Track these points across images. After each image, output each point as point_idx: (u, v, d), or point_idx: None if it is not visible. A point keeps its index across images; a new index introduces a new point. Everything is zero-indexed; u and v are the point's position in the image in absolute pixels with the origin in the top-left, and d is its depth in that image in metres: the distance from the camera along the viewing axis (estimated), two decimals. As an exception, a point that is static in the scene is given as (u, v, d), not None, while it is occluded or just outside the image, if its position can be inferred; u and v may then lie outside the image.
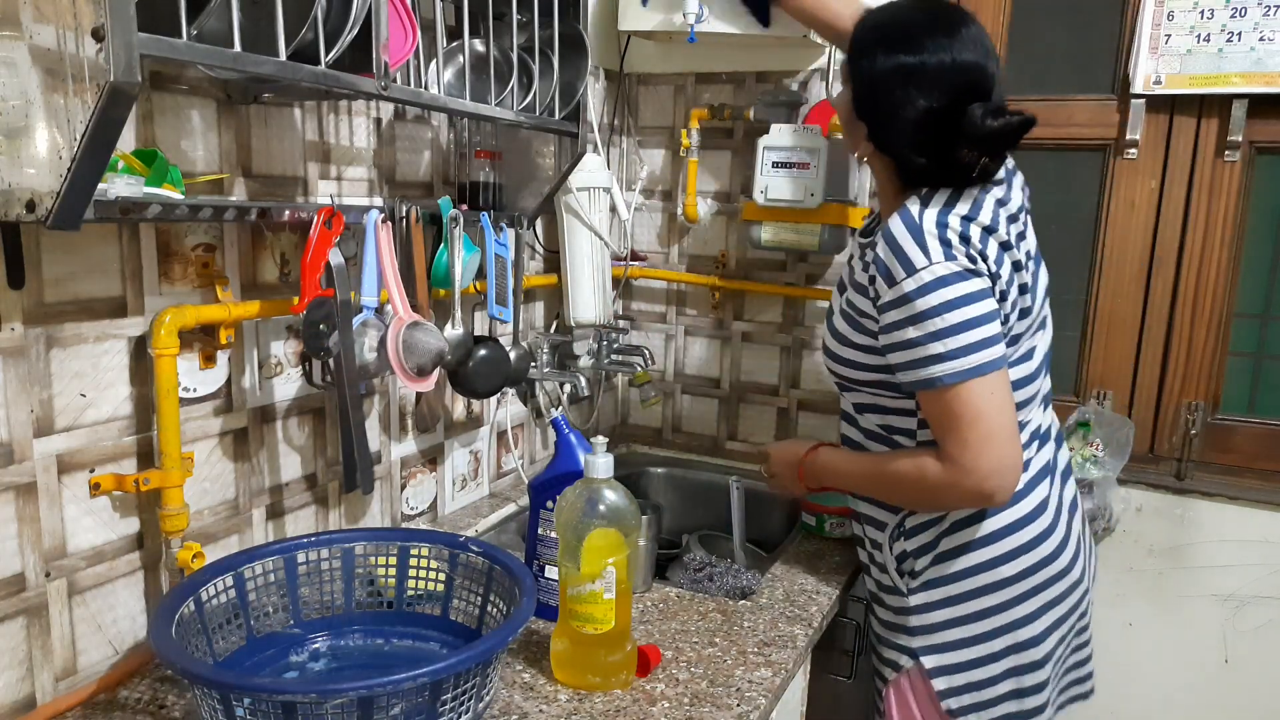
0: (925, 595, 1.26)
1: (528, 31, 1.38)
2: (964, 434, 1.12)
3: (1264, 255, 1.71)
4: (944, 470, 1.15)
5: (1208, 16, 1.62)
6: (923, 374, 1.13)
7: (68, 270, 1.00)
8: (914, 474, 1.19)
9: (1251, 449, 1.75)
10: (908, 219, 1.15)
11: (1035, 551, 1.23)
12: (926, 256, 1.12)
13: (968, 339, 1.11)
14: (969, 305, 1.11)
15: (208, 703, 0.87)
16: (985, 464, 1.12)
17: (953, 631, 1.25)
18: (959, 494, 1.15)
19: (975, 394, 1.11)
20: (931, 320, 1.11)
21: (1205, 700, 1.78)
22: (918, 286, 1.12)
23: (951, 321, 1.11)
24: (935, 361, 1.12)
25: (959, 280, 1.11)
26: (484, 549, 1.15)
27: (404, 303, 1.24)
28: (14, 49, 0.80)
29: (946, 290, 1.11)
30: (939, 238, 1.13)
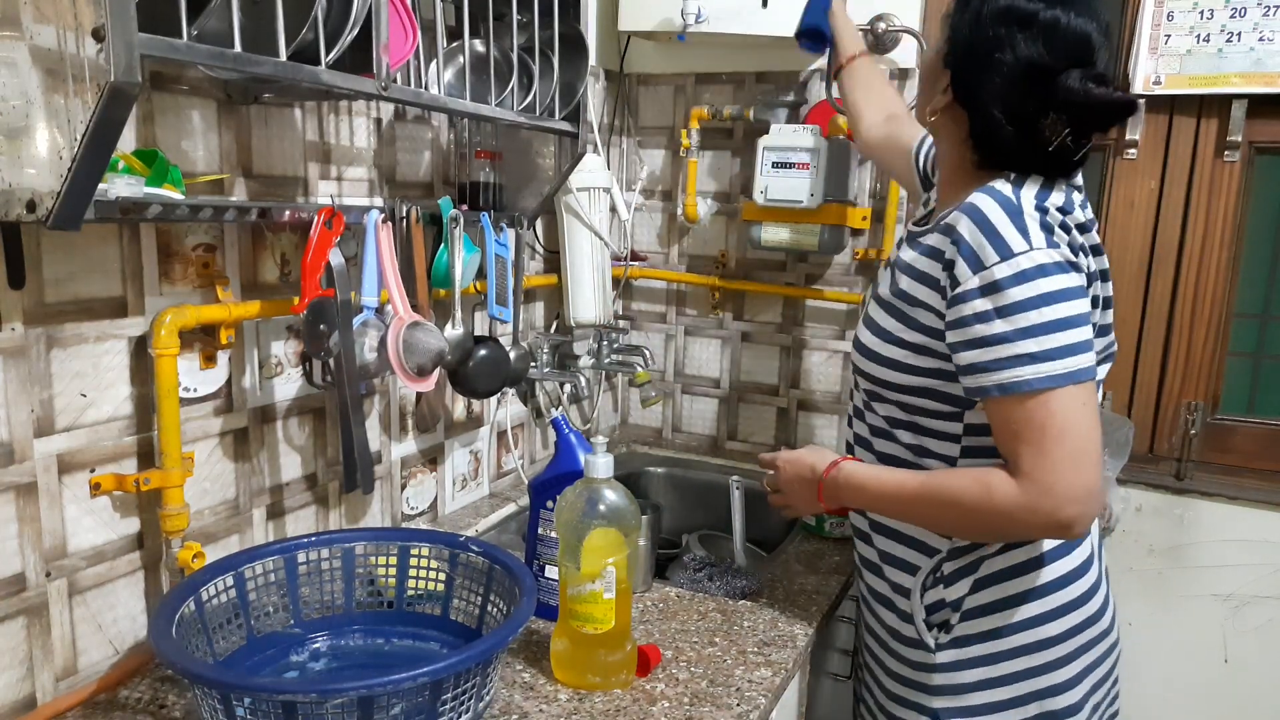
0: (956, 653, 1.11)
1: (528, 32, 1.38)
2: (1048, 449, 0.96)
3: (1263, 255, 1.72)
4: (1019, 489, 0.97)
5: (1207, 17, 1.62)
6: (1004, 376, 0.97)
7: (68, 270, 1.00)
8: (976, 493, 1.00)
9: (1251, 449, 1.75)
10: (1001, 198, 1.00)
11: (1083, 609, 1.11)
12: (1027, 241, 0.97)
13: (1065, 340, 0.96)
14: (1069, 302, 0.97)
15: (208, 702, 0.88)
16: (1069, 486, 0.95)
17: (982, 694, 1.11)
18: (1033, 520, 0.98)
19: (1067, 404, 0.96)
20: (1027, 314, 0.96)
21: (1205, 700, 1.78)
22: (1014, 274, 0.96)
23: (1050, 318, 0.96)
24: (1025, 362, 0.96)
25: (1061, 272, 0.97)
26: (484, 549, 1.15)
27: (404, 303, 1.24)
28: (14, 49, 0.80)
29: (1048, 281, 0.96)
30: (1040, 222, 0.98)
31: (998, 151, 1.05)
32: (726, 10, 1.70)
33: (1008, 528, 1.02)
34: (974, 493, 1.01)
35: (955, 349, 1.02)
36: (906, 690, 1.17)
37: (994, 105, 1.02)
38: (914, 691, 1.16)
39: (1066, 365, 0.96)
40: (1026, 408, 0.97)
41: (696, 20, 1.68)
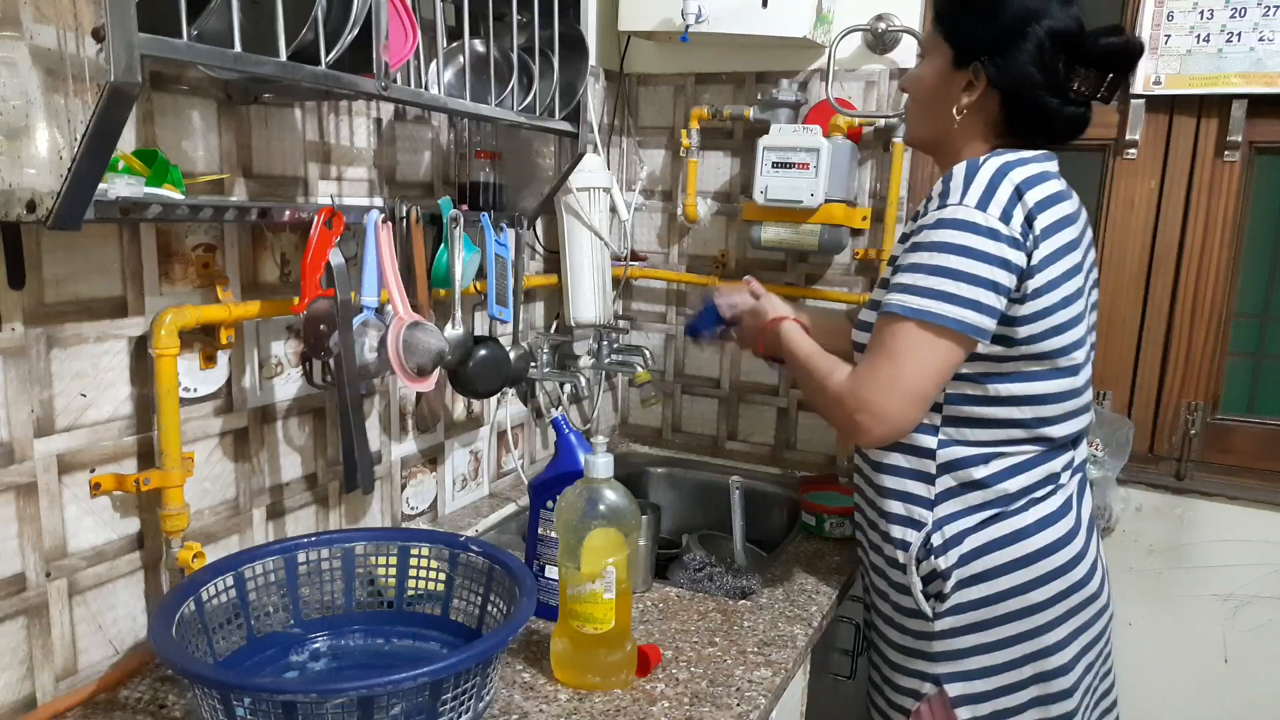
0: (952, 620, 1.20)
1: (528, 32, 1.38)
2: (875, 364, 1.11)
3: (1263, 255, 1.72)
4: (842, 384, 1.14)
5: (1207, 17, 1.62)
6: (889, 297, 1.11)
7: (68, 270, 1.00)
8: (822, 372, 1.18)
9: (1251, 449, 1.75)
10: (971, 161, 1.13)
11: (1067, 576, 1.18)
12: (962, 196, 1.09)
13: (941, 285, 1.07)
14: (963, 257, 1.07)
15: (208, 702, 0.88)
16: (873, 400, 1.10)
17: (979, 659, 1.20)
18: (837, 411, 1.15)
19: (908, 337, 1.09)
20: (925, 253, 1.08)
21: (1205, 700, 1.78)
22: (936, 220, 1.09)
23: (939, 263, 1.07)
24: (899, 290, 1.10)
25: (976, 233, 1.07)
26: (484, 549, 1.15)
27: (404, 303, 1.24)
28: (14, 49, 0.80)
29: (956, 233, 1.07)
30: (988, 182, 1.09)
31: (1035, 121, 1.15)
32: (726, 10, 1.69)
33: (824, 410, 1.21)
34: (821, 371, 1.19)
35: None
36: (909, 659, 1.25)
37: (1032, 78, 1.11)
38: (917, 660, 1.24)
39: (921, 304, 1.07)
40: (882, 326, 1.12)
41: (697, 20, 1.68)
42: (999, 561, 1.17)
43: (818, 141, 1.73)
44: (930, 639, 1.22)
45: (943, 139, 1.22)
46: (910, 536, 1.22)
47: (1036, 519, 1.18)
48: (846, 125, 1.78)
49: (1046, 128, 1.16)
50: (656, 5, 1.75)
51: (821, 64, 1.85)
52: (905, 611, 1.24)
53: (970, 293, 1.06)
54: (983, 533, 1.18)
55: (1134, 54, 1.13)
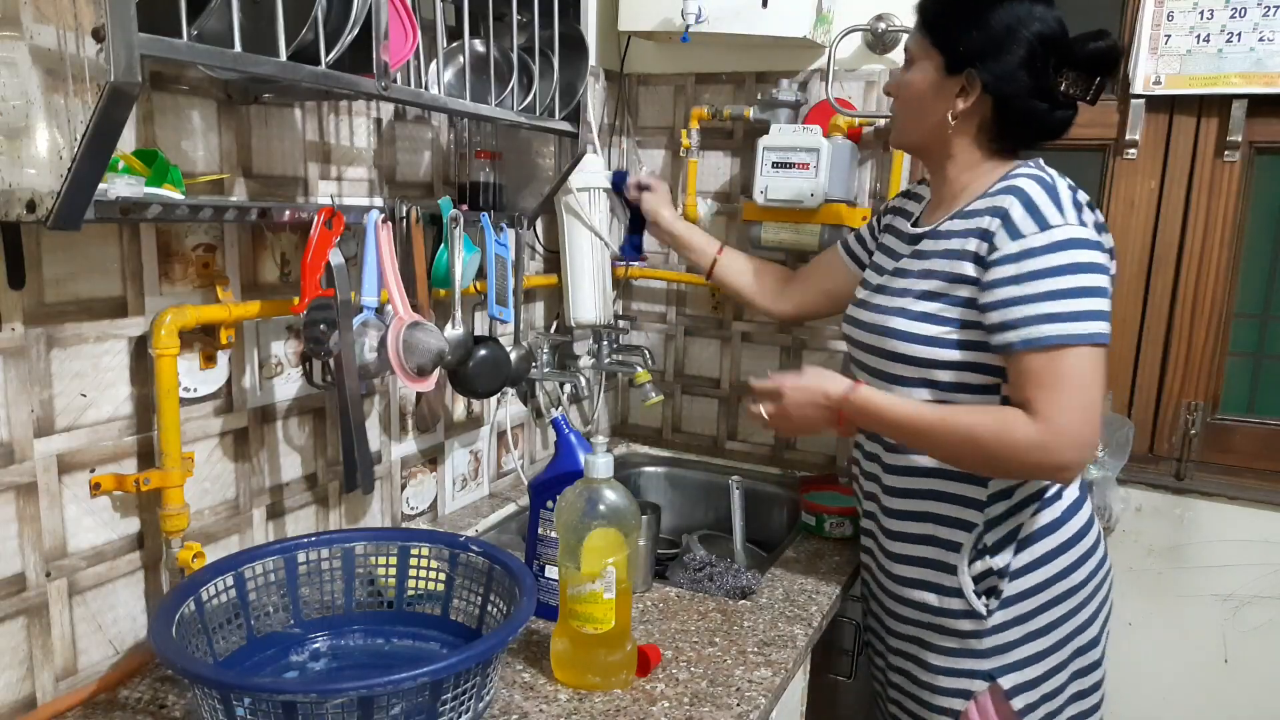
0: (1003, 614, 1.22)
1: (528, 32, 1.38)
2: (1065, 396, 1.07)
3: (1263, 255, 1.72)
4: (1035, 427, 1.08)
5: (1207, 17, 1.62)
6: (1029, 331, 1.08)
7: (68, 270, 1.00)
8: (994, 427, 1.11)
9: (1251, 449, 1.75)
10: (1042, 180, 1.14)
11: (1095, 555, 1.25)
12: (1062, 215, 1.10)
13: (1086, 305, 1.08)
14: (1094, 274, 1.09)
15: (208, 702, 0.88)
16: (1079, 433, 1.08)
17: (1028, 646, 1.23)
18: (1041, 457, 1.09)
19: (1084, 361, 1.07)
20: (1058, 278, 1.08)
21: (1205, 700, 1.78)
22: (1050, 242, 1.09)
23: (1077, 284, 1.08)
24: (1051, 320, 1.08)
25: (1089, 247, 1.10)
26: (484, 549, 1.15)
27: (404, 303, 1.24)
28: (14, 49, 0.80)
29: (1079, 252, 1.09)
30: (1073, 200, 1.12)
31: (1025, 124, 1.19)
32: (727, 10, 1.69)
33: (1014, 462, 1.12)
34: (991, 427, 1.11)
35: (988, 309, 1.12)
36: (956, 660, 1.25)
37: (1024, 83, 1.15)
38: (964, 659, 1.25)
39: (1086, 328, 1.07)
40: (1051, 361, 1.08)
41: (697, 20, 1.68)
42: (1043, 550, 1.21)
43: (818, 141, 1.73)
44: (980, 636, 1.23)
45: (933, 143, 1.24)
46: (960, 538, 1.23)
47: (1068, 504, 1.23)
48: (846, 125, 1.78)
49: (1036, 131, 1.20)
50: (656, 5, 1.75)
51: (821, 64, 1.85)
52: (952, 614, 1.24)
53: (1103, 304, 1.10)
54: (1031, 522, 1.21)
55: (1118, 57, 1.18)
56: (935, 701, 1.28)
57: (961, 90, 1.18)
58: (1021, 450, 1.10)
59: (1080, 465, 1.11)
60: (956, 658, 1.25)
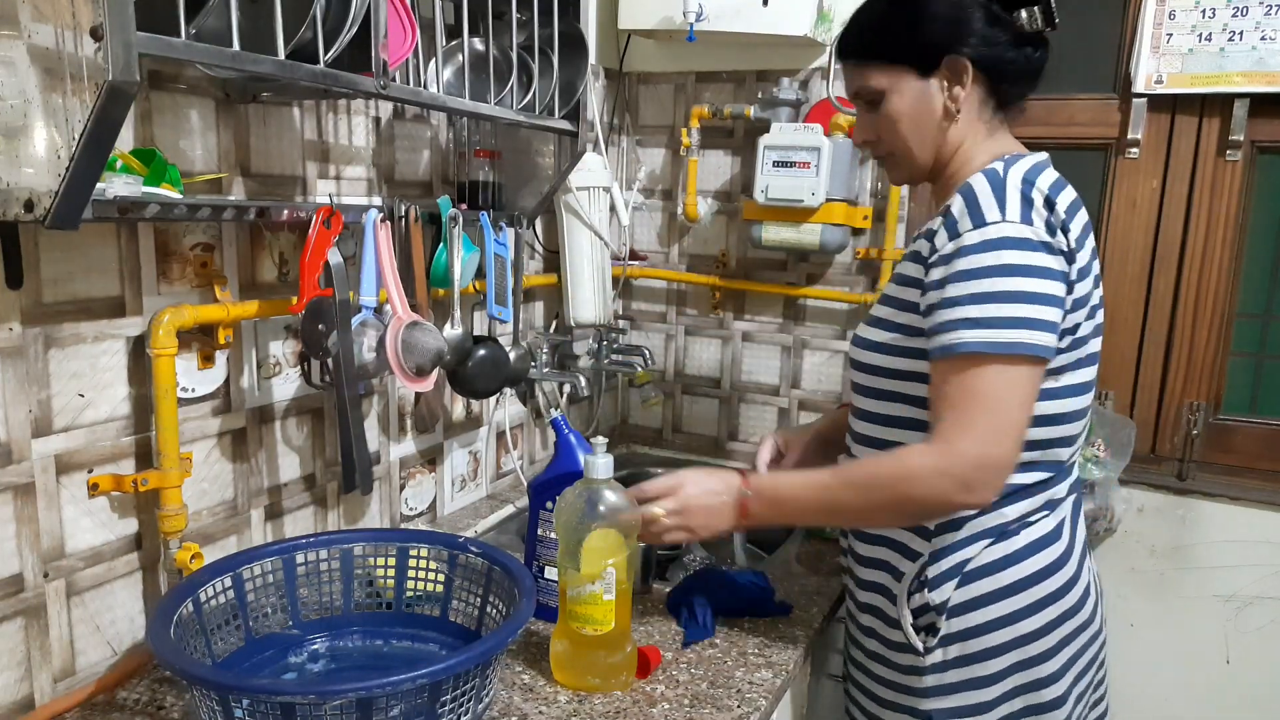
0: (942, 653, 1.10)
1: (527, 30, 1.38)
2: (972, 415, 0.98)
3: (1266, 255, 1.71)
4: (930, 452, 0.99)
5: (1209, 16, 1.62)
6: (947, 338, 0.99)
7: (66, 270, 1.00)
8: (891, 466, 1.03)
9: (1253, 449, 1.75)
10: (991, 174, 1.04)
11: (1060, 603, 1.10)
12: (1001, 212, 1.00)
13: (1012, 311, 0.97)
14: (1028, 278, 0.98)
15: (206, 704, 0.87)
16: (981, 452, 0.97)
17: (971, 694, 1.11)
18: (939, 483, 0.99)
19: (1000, 375, 0.97)
20: (979, 280, 0.98)
21: (1206, 700, 1.78)
22: (980, 241, 0.99)
23: (1001, 288, 0.97)
24: (967, 325, 0.98)
25: (1027, 248, 0.98)
26: (483, 550, 1.15)
27: (403, 302, 1.24)
28: (12, 48, 0.80)
29: (1010, 254, 0.98)
30: (1021, 194, 1.01)
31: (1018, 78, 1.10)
32: (727, 9, 1.69)
33: (919, 498, 1.01)
34: (888, 467, 1.04)
35: (924, 316, 1.04)
36: (897, 695, 1.16)
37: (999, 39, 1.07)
38: (905, 695, 1.15)
39: (1008, 336, 0.97)
40: (960, 371, 0.99)
41: (698, 18, 1.68)
42: (991, 588, 1.09)
43: (819, 140, 1.73)
44: (920, 674, 1.13)
45: (943, 153, 1.13)
46: (905, 566, 1.13)
47: (1028, 541, 1.09)
48: (847, 124, 1.77)
49: (1028, 81, 1.11)
50: (656, 4, 1.74)
51: (822, 62, 1.85)
52: (894, 646, 1.15)
53: (1041, 313, 0.98)
54: (979, 556, 1.09)
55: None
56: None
57: (947, 82, 1.08)
58: (921, 481, 1.00)
59: (989, 487, 1.00)
60: (898, 692, 1.16)
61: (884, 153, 1.16)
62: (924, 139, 1.12)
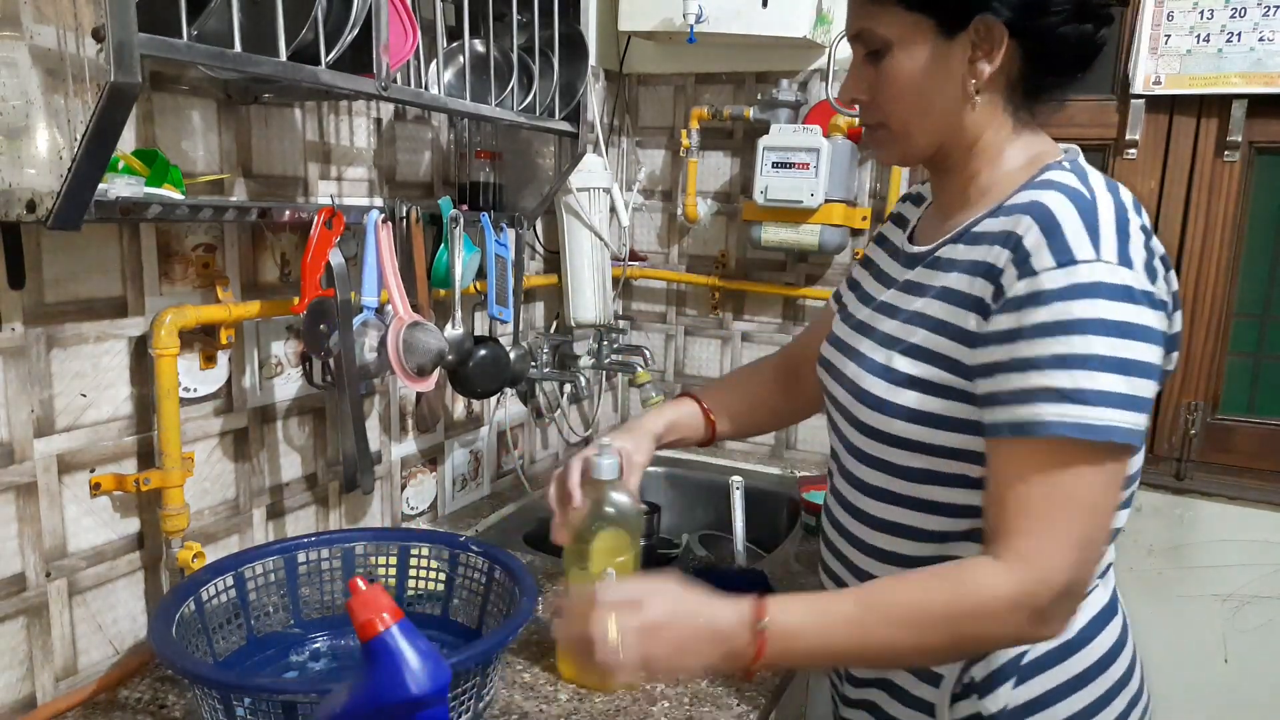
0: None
1: (528, 32, 1.38)
2: (1059, 529, 0.75)
3: (1264, 255, 1.72)
4: (1007, 578, 0.75)
5: (1207, 17, 1.62)
6: (1022, 412, 0.75)
7: (68, 270, 1.00)
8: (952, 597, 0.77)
9: (1251, 449, 1.75)
10: (1072, 192, 0.79)
11: (1126, 690, 0.90)
12: (1095, 249, 0.75)
13: (1110, 385, 0.73)
14: (1134, 341, 0.74)
15: (208, 702, 0.87)
16: (1071, 579, 0.75)
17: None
18: (1013, 617, 0.76)
19: (1093, 474, 0.75)
20: (1071, 338, 0.73)
21: (1205, 700, 1.78)
22: (1070, 285, 0.74)
23: (1099, 351, 0.73)
24: (1050, 399, 0.74)
25: (1131, 300, 0.74)
26: (484, 549, 1.15)
27: (404, 303, 1.24)
28: (14, 49, 0.80)
29: (1112, 306, 0.73)
30: (1118, 229, 0.76)
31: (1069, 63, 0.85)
32: (727, 10, 1.70)
33: (986, 631, 0.78)
34: (948, 596, 0.77)
35: (976, 375, 0.80)
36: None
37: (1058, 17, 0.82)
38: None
39: (1105, 418, 0.73)
40: (1039, 463, 0.75)
41: (697, 20, 1.68)
42: (1055, 683, 0.87)
43: (818, 141, 1.73)
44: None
45: (951, 139, 0.88)
46: (943, 669, 0.89)
47: (1089, 619, 0.89)
48: (846, 125, 1.77)
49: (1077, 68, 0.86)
50: (656, 5, 1.75)
51: (821, 64, 1.85)
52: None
53: (1141, 389, 0.74)
54: (1033, 651, 0.87)
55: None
56: None
57: (974, 51, 0.83)
58: (994, 619, 0.76)
59: (1067, 617, 0.79)
60: None
61: (874, 121, 0.90)
62: (929, 116, 0.86)
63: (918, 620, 0.77)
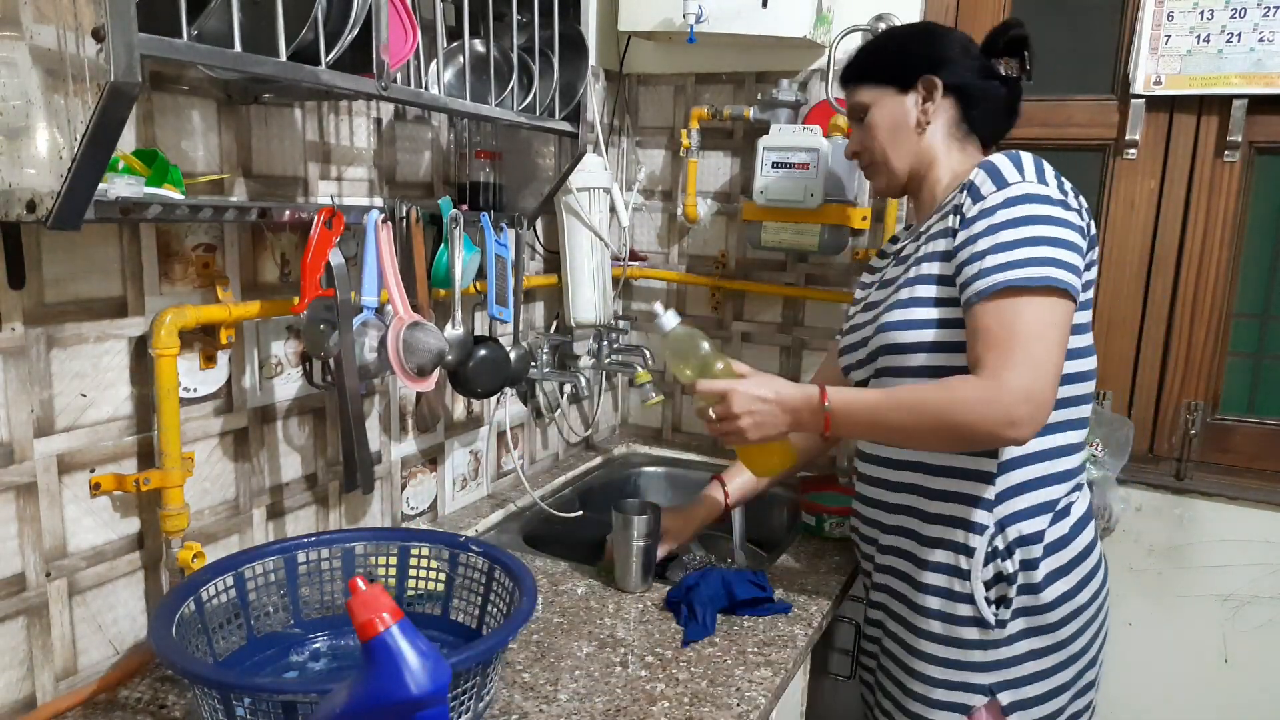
0: (1012, 626, 1.17)
1: (528, 32, 1.38)
2: (1014, 351, 1.03)
3: (1263, 255, 1.71)
4: (978, 384, 1.04)
5: (1207, 17, 1.62)
6: (981, 283, 1.07)
7: (68, 270, 1.00)
8: (938, 392, 1.07)
9: (1251, 449, 1.75)
10: (1008, 153, 1.16)
11: (1099, 574, 1.23)
12: (1020, 174, 1.11)
13: (1043, 253, 1.06)
14: (1054, 225, 1.08)
15: (208, 702, 0.88)
16: (1025, 387, 1.02)
17: (1032, 664, 1.18)
18: (986, 412, 1.03)
19: (1037, 310, 1.05)
20: (1009, 230, 1.08)
21: (1205, 700, 1.78)
22: (1004, 199, 1.10)
23: (1029, 234, 1.07)
24: (1001, 269, 1.06)
25: (1047, 203, 1.09)
26: (484, 549, 1.15)
27: (404, 303, 1.24)
28: (14, 49, 0.80)
29: (1033, 206, 1.08)
30: (1035, 165, 1.13)
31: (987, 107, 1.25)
32: (727, 10, 1.70)
33: (962, 418, 1.05)
34: (935, 390, 1.08)
35: (956, 276, 1.12)
36: (956, 672, 1.20)
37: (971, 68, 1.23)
38: (966, 672, 1.20)
39: (1042, 272, 1.05)
40: (1000, 310, 1.05)
41: (697, 20, 1.68)
42: (1056, 565, 1.17)
43: (818, 141, 1.73)
44: (985, 648, 1.18)
45: (918, 161, 1.27)
46: (974, 541, 1.17)
47: (1076, 519, 1.20)
48: (846, 125, 1.77)
49: (1000, 111, 1.26)
50: (656, 5, 1.75)
51: (821, 64, 1.85)
52: (959, 620, 1.19)
53: (1064, 256, 1.07)
54: (1045, 534, 1.17)
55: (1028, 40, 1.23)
56: (928, 714, 1.22)
57: (921, 98, 1.24)
58: (967, 408, 1.04)
59: (1032, 420, 1.04)
60: (956, 670, 1.20)
61: (868, 162, 1.31)
62: (899, 146, 1.26)
63: (917, 408, 1.09)
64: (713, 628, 1.26)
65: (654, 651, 1.21)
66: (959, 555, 1.19)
